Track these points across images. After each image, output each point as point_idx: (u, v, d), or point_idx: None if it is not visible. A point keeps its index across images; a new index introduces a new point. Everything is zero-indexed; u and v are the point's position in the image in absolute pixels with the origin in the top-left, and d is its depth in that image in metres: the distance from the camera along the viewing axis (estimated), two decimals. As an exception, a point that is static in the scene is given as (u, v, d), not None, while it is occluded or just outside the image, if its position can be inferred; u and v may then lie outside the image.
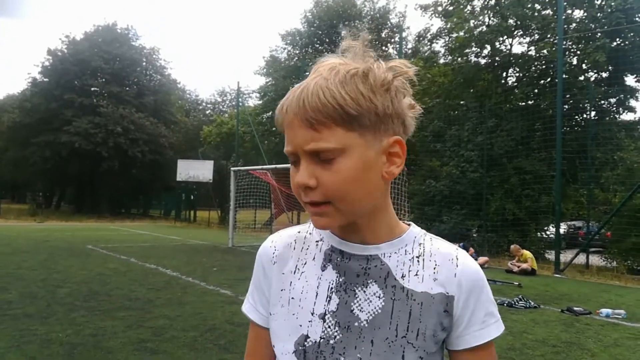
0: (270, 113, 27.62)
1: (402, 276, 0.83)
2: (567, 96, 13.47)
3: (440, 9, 18.64)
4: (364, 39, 0.81)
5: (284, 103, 0.79)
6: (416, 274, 0.84)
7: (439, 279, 0.83)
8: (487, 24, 16.87)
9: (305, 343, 0.82)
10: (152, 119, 34.41)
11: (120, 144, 32.18)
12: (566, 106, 13.77)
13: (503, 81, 17.46)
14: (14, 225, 22.29)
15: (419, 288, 0.83)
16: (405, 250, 0.85)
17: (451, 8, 17.91)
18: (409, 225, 0.89)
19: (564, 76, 12.57)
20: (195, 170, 26.82)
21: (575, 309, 6.72)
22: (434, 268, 0.84)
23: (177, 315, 5.83)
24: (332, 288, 0.84)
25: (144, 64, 38.18)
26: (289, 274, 0.88)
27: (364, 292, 0.83)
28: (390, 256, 0.84)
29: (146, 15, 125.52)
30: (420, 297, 0.82)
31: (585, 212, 14.49)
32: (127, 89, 35.92)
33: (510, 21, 16.08)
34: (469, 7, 17.31)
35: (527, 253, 11.07)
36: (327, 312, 0.83)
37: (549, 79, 15.75)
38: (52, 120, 32.11)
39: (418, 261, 0.85)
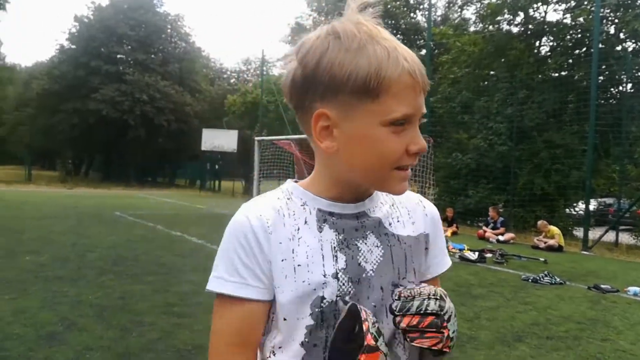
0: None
1: (389, 224, 0.91)
2: (603, 67, 12.93)
3: (472, -26, 17.97)
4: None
5: (401, 64, 0.78)
6: (398, 221, 0.92)
7: (416, 222, 0.94)
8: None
9: (322, 304, 0.83)
10: (177, 87, 34.55)
11: (147, 112, 32.48)
12: (601, 77, 13.25)
13: (536, 51, 16.85)
14: (45, 192, 22.90)
15: (404, 232, 0.91)
16: (382, 202, 0.92)
17: (483, -26, 17.26)
18: None
19: (600, 46, 12.05)
20: (219, 139, 26.95)
21: (602, 286, 6.62)
22: (408, 213, 0.94)
23: (202, 281, 5.84)
24: (335, 247, 0.85)
25: (169, 31, 38.12)
26: (287, 241, 0.85)
27: (365, 243, 0.87)
28: (374, 210, 0.90)
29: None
30: (408, 240, 0.91)
31: (616, 188, 14.13)
32: (153, 56, 36.01)
33: (546, -14, 15.41)
34: (503, -28, 16.63)
35: (554, 229, 10.90)
36: (338, 271, 0.84)
37: (584, 49, 15.11)
38: (79, 88, 32.51)
39: (395, 209, 0.93)
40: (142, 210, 15.63)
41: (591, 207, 12.55)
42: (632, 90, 14.30)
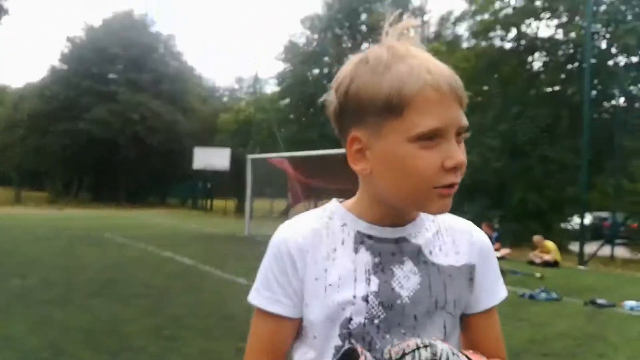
0: (288, 100, 27.46)
1: (430, 252, 0.88)
2: (596, 82, 13.08)
3: (464, -10, 18.21)
4: (410, 25, 0.84)
5: (425, 79, 0.76)
6: (440, 249, 0.89)
7: (461, 251, 0.91)
8: (513, 5, 16.40)
9: (349, 326, 0.83)
10: (169, 107, 34.54)
11: (138, 132, 32.39)
12: (594, 92, 13.38)
13: (528, 66, 17.04)
14: (34, 213, 22.63)
15: (445, 262, 0.89)
16: (426, 229, 0.90)
17: (476, -10, 17.47)
18: None
19: (592, 61, 12.20)
20: (211, 158, 26.81)
21: (598, 301, 6.60)
22: (453, 242, 0.91)
23: (193, 303, 5.85)
24: (369, 270, 0.85)
25: (161, 50, 38.30)
26: (322, 261, 0.86)
27: (402, 269, 0.85)
28: (416, 236, 0.88)
29: (163, 2, 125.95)
30: (449, 270, 0.88)
31: (611, 202, 14.15)
32: (145, 76, 36.06)
33: (537, 3, 15.65)
34: (494, -12, 16.85)
35: (550, 244, 10.86)
36: (369, 294, 0.83)
37: (576, 64, 15.30)
38: (70, 108, 32.43)
39: (438, 237, 0.91)
40: (133, 230, 15.43)
41: (586, 222, 12.56)
42: (625, 105, 14.46)
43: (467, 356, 0.75)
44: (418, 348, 0.74)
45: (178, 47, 39.64)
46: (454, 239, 0.92)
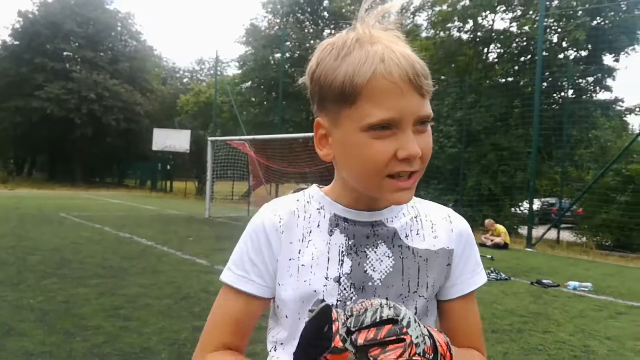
0: (249, 83, 27.18)
1: (406, 236, 0.88)
2: (546, 74, 13.57)
3: (424, -19, 18.45)
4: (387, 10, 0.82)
5: (379, 66, 0.74)
6: (417, 233, 0.89)
7: (439, 236, 0.90)
8: (470, -3, 16.75)
9: None
10: (127, 86, 33.61)
11: (94, 111, 31.42)
12: (545, 84, 13.90)
13: (484, 57, 17.49)
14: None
15: (422, 246, 0.88)
16: (403, 214, 0.90)
17: (435, -19, 17.75)
18: None
19: (544, 54, 12.62)
20: (171, 139, 26.37)
21: (544, 281, 6.91)
22: (432, 227, 0.91)
23: (151, 284, 5.79)
24: (342, 251, 0.85)
25: (119, 28, 37.07)
26: (296, 242, 0.88)
27: (375, 252, 0.86)
28: (392, 220, 0.88)
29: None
30: (425, 254, 0.88)
31: (558, 189, 14.81)
32: (102, 54, 34.90)
33: (494, -5, 16.01)
34: (453, -20, 17.15)
35: (500, 227, 11.28)
36: (341, 275, 0.84)
37: (529, 56, 15.83)
38: (22, 85, 31.10)
39: (417, 221, 0.91)
40: (89, 211, 15.09)
41: (535, 207, 13.11)
42: (573, 96, 15.08)
43: (427, 329, 0.72)
44: (381, 306, 0.71)
45: (137, 25, 38.36)
46: (433, 224, 0.91)
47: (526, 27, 15.29)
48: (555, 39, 15.27)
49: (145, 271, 6.50)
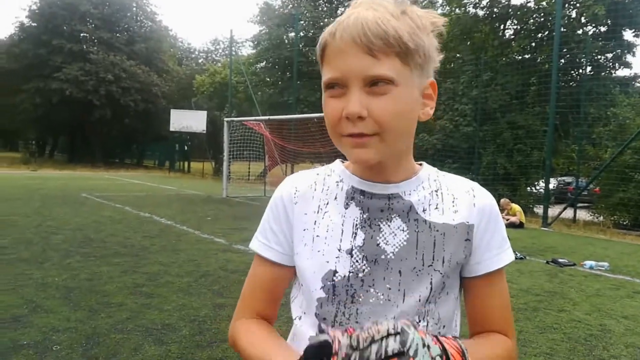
0: (264, 63, 27.07)
1: (424, 210, 0.86)
2: (564, 50, 13.30)
3: (440, -45, 18.06)
4: None
5: (334, 29, 0.78)
6: (436, 207, 0.87)
7: (459, 211, 0.87)
8: (487, -28, 16.40)
9: (334, 278, 0.84)
10: (144, 67, 33.76)
11: (112, 92, 31.69)
12: (562, 60, 13.63)
13: (500, 34, 17.16)
14: (7, 174, 22.22)
15: (440, 220, 0.86)
16: (423, 187, 0.88)
17: (451, -45, 17.37)
18: (420, 164, 0.93)
19: (562, 29, 12.36)
20: (188, 120, 26.56)
21: (560, 260, 6.89)
22: (453, 201, 0.88)
23: (171, 262, 5.94)
24: (356, 224, 0.86)
25: (134, 9, 37.06)
26: (311, 213, 0.89)
27: (389, 226, 0.85)
28: (410, 194, 0.87)
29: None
30: (442, 228, 0.86)
31: (575, 167, 14.64)
32: (118, 35, 35.02)
33: (511, -30, 15.65)
34: (469, -45, 16.77)
35: (516, 207, 11.23)
36: (354, 248, 0.84)
37: (546, 32, 15.48)
38: (41, 67, 31.43)
39: (437, 195, 0.88)
40: (110, 191, 15.38)
41: (551, 186, 12.99)
42: (591, 73, 14.75)
43: (442, 343, 0.67)
44: (387, 336, 0.65)
45: (152, 6, 38.32)
46: (454, 197, 0.89)
47: (544, 3, 14.93)
48: (573, 14, 14.90)
49: (165, 249, 6.66)
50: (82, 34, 33.52)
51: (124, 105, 32.38)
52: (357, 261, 0.84)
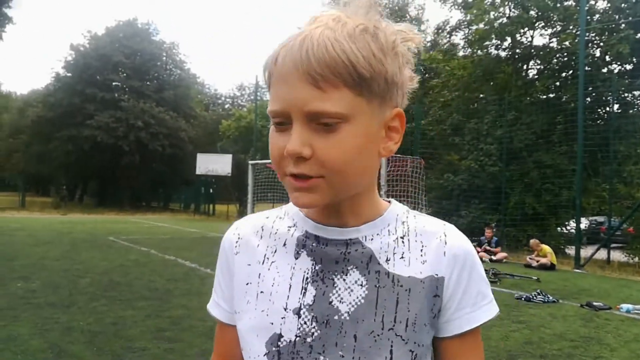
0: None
1: (387, 260, 0.73)
2: (590, 89, 13.23)
3: (460, 0, 18.43)
4: None
5: (278, 53, 0.66)
6: (402, 257, 0.73)
7: (428, 261, 0.73)
8: (507, 15, 16.64)
9: (279, 343, 0.71)
10: (172, 113, 34.79)
11: (141, 138, 32.60)
12: (588, 99, 13.53)
13: (523, 74, 17.23)
14: (38, 218, 22.78)
15: (405, 272, 0.72)
16: (389, 231, 0.75)
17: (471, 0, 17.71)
18: (389, 202, 0.79)
19: (586, 68, 12.36)
20: (214, 164, 27.04)
21: (594, 304, 6.65)
22: (421, 249, 0.74)
23: (195, 306, 5.90)
24: (307, 278, 0.72)
25: (164, 58, 38.56)
26: (256, 265, 0.76)
27: (344, 280, 0.71)
28: (372, 239, 0.73)
29: (166, 10, 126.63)
30: (408, 283, 0.72)
31: (607, 207, 14.26)
32: (148, 83, 36.34)
33: (532, 12, 15.85)
34: (489, -1, 17.08)
35: (546, 248, 10.96)
36: (302, 306, 0.71)
37: (570, 71, 15.49)
38: (74, 115, 32.67)
39: (403, 242, 0.74)
40: (136, 234, 15.58)
41: (582, 226, 12.66)
42: (619, 111, 14.59)
43: None
44: None
45: (181, 55, 39.85)
46: (423, 245, 0.75)
47: (567, 42, 15.00)
48: (597, 53, 14.90)
49: (189, 293, 6.65)
50: (114, 83, 34.90)
51: (152, 150, 33.21)
52: (305, 323, 0.70)
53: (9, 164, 41.49)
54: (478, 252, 11.86)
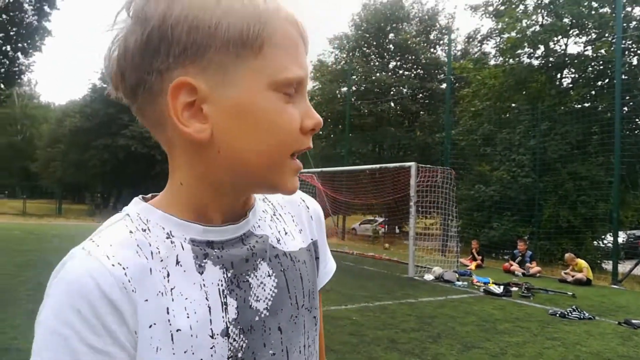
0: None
1: (278, 241, 0.69)
2: (627, 98, 12.87)
3: (491, 8, 18.29)
4: None
5: (292, 15, 0.60)
6: (286, 233, 0.71)
7: (303, 229, 0.74)
8: (540, 23, 16.43)
9: None
10: (204, 122, 35.45)
11: (172, 148, 33.29)
12: (626, 108, 13.17)
13: (557, 82, 16.90)
14: (74, 225, 23.44)
15: (295, 246, 0.71)
16: (264, 211, 0.71)
17: (502, 8, 17.54)
18: None
19: (623, 77, 12.04)
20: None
21: (633, 321, 6.46)
22: (293, 220, 0.74)
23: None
24: (223, 290, 0.61)
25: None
26: (155, 298, 0.57)
27: (256, 277, 0.64)
28: (259, 225, 0.68)
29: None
30: (301, 255, 0.71)
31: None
32: (180, 92, 37.19)
33: (566, 20, 15.60)
34: (521, 7, 16.88)
35: (582, 262, 10.66)
36: (228, 325, 0.60)
37: (607, 80, 15.15)
38: (110, 125, 33.68)
39: (277, 218, 0.72)
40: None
41: (620, 240, 12.28)
42: (658, 121, 14.16)
43: None
44: None
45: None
46: (293, 215, 0.74)
47: (602, 51, 14.68)
48: (635, 61, 14.55)
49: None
50: (147, 93, 35.79)
51: (183, 159, 33.85)
52: (235, 340, 0.60)
53: (47, 172, 42.91)
54: (511, 265, 11.66)
